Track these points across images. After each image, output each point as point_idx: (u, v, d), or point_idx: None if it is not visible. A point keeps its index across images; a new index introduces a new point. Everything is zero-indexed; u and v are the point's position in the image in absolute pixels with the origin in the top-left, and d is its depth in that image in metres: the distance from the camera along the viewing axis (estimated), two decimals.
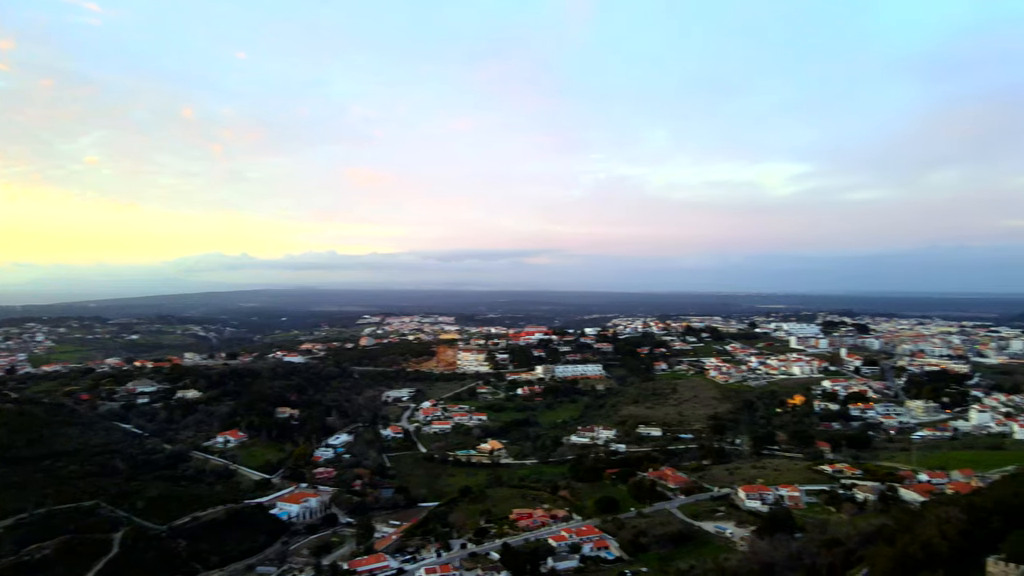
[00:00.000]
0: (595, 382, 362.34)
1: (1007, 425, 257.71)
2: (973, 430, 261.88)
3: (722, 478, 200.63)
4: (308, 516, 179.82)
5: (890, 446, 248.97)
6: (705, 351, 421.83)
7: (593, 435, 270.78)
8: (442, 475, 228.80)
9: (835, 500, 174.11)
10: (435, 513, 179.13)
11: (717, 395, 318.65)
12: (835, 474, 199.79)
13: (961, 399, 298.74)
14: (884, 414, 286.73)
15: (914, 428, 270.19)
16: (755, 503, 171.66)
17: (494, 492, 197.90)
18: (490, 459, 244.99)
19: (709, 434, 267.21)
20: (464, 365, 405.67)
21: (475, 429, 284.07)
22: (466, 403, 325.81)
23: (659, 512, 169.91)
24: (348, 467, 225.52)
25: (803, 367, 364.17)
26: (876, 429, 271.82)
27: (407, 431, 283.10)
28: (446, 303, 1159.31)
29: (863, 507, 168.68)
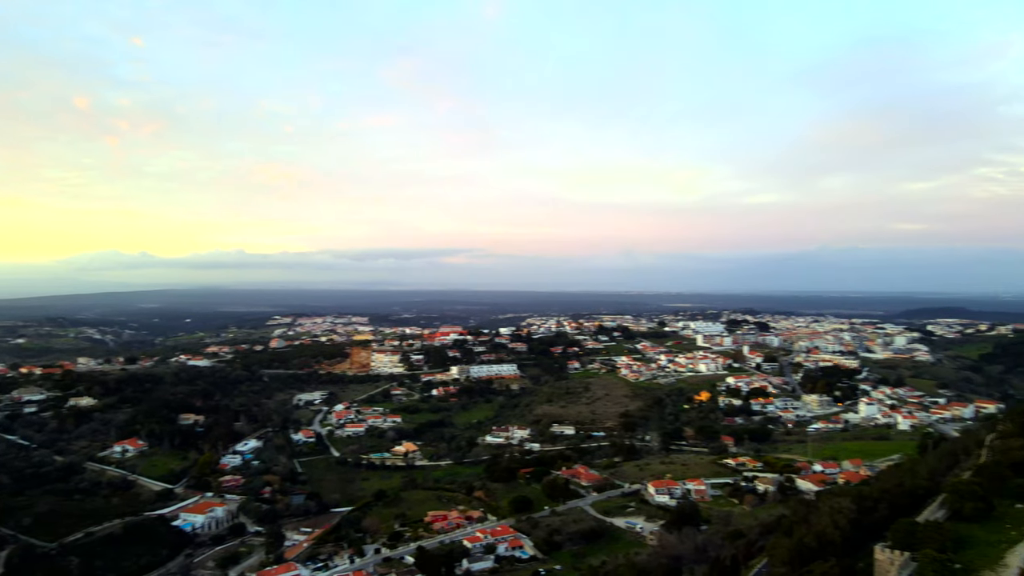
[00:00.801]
0: (510, 382, 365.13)
1: (892, 417, 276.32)
2: (862, 422, 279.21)
3: (633, 474, 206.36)
4: (214, 526, 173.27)
5: (788, 439, 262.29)
6: (617, 350, 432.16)
7: (508, 435, 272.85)
8: (356, 479, 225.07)
9: (738, 492, 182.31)
10: (348, 518, 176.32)
11: (628, 393, 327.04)
12: (738, 467, 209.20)
13: (851, 393, 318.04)
14: (783, 408, 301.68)
15: (810, 421, 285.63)
16: (664, 498, 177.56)
17: (409, 495, 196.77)
18: (405, 461, 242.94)
19: (620, 432, 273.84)
20: (378, 366, 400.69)
21: (390, 431, 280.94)
22: (380, 405, 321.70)
23: (572, 510, 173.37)
24: (257, 474, 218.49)
25: (709, 364, 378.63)
26: (776, 423, 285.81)
27: (319, 435, 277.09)
28: (360, 303, 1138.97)
29: (764, 498, 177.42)
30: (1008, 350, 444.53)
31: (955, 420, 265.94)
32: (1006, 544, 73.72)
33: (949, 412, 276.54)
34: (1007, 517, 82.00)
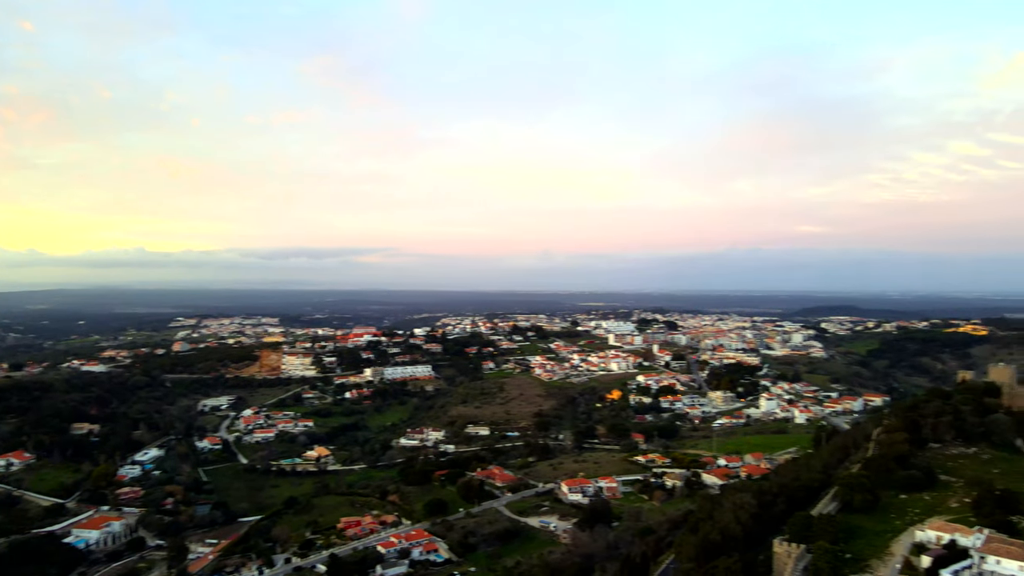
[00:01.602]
0: (425, 383, 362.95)
1: (790, 411, 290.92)
2: (763, 416, 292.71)
3: (547, 473, 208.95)
4: (110, 542, 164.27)
5: (695, 434, 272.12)
6: (531, 349, 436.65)
7: (423, 437, 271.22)
8: (265, 486, 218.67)
9: (648, 488, 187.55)
10: (257, 527, 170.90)
11: (542, 392, 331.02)
12: (648, 464, 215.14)
13: (753, 389, 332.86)
14: (690, 405, 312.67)
15: (715, 417, 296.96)
16: (577, 496, 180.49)
17: (321, 501, 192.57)
18: (317, 467, 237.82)
19: (535, 431, 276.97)
20: (289, 369, 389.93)
21: (301, 436, 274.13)
22: (291, 409, 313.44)
23: (487, 511, 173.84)
24: (158, 484, 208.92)
25: (620, 363, 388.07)
26: (683, 419, 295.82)
27: (226, 442, 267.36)
28: (271, 304, 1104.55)
29: (672, 493, 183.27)
30: (893, 346, 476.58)
31: (846, 413, 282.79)
32: (891, 534, 79.27)
33: (841, 406, 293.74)
34: (892, 507, 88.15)
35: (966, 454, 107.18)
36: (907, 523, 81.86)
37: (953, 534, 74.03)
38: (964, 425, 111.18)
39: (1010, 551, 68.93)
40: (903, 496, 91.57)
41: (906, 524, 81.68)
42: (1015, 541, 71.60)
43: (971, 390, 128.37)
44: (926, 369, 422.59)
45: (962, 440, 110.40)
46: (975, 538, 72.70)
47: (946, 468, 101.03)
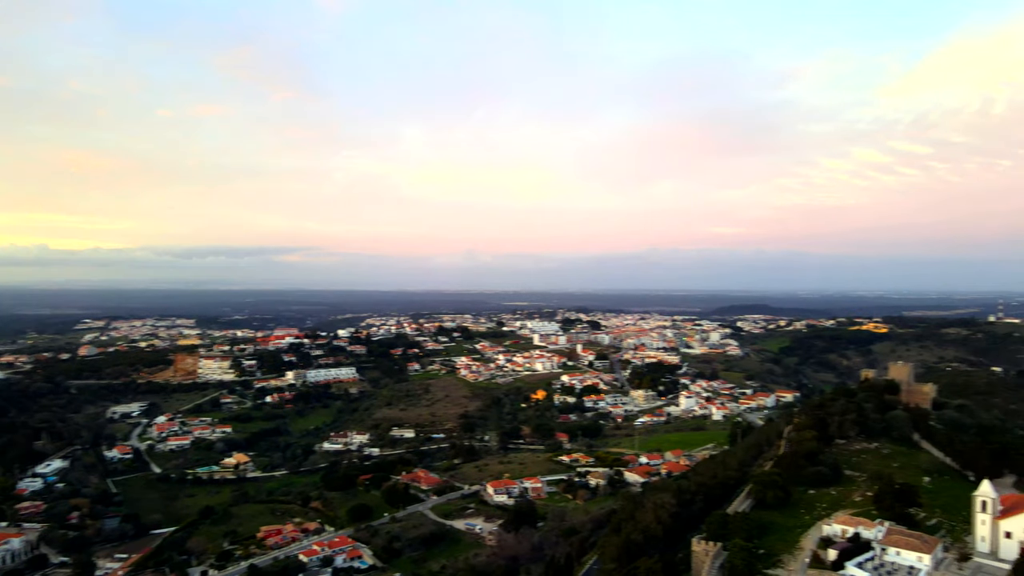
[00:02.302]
0: (349, 385, 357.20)
1: (708, 408, 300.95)
2: (682, 414, 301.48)
3: (472, 475, 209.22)
4: (9, 560, 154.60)
5: (618, 432, 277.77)
6: (457, 350, 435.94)
7: (347, 441, 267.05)
8: (180, 496, 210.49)
9: (572, 488, 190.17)
10: (171, 540, 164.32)
11: (468, 393, 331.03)
12: (572, 463, 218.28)
13: (673, 387, 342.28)
14: (613, 404, 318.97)
15: (637, 415, 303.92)
16: (502, 497, 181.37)
17: (240, 510, 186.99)
18: (236, 474, 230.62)
19: (460, 433, 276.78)
20: (206, 373, 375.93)
21: (219, 443, 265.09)
22: (208, 415, 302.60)
23: (413, 515, 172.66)
24: (62, 497, 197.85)
25: (545, 363, 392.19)
26: (606, 418, 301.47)
27: (138, 451, 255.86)
28: (186, 304, 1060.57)
29: (596, 492, 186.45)
30: (803, 344, 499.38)
31: (760, 409, 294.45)
32: (801, 529, 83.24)
33: (755, 402, 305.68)
34: (802, 503, 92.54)
35: (868, 449, 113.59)
36: (815, 518, 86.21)
37: (857, 527, 78.41)
38: (867, 422, 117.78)
39: (908, 543, 73.53)
40: (812, 491, 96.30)
41: (815, 519, 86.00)
42: (913, 533, 76.40)
43: (873, 388, 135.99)
44: (833, 365, 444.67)
45: (865, 436, 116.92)
46: (877, 531, 77.19)
47: (851, 463, 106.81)
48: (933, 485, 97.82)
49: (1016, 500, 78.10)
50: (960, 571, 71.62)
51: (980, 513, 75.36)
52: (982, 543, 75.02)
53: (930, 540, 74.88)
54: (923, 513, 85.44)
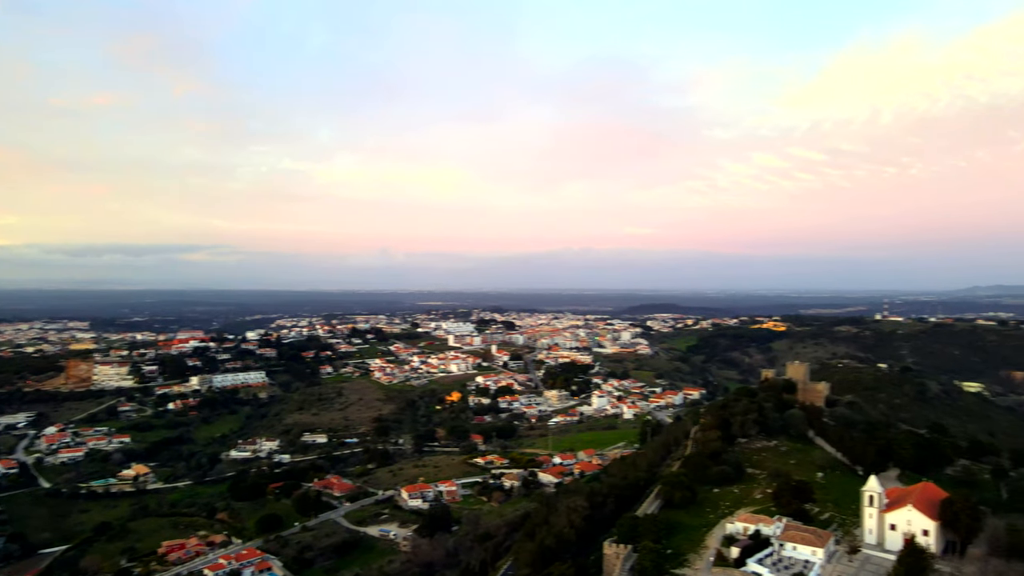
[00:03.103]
0: (258, 390, 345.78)
1: (619, 407, 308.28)
2: (594, 413, 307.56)
3: (387, 480, 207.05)
4: None
5: (532, 433, 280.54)
6: (370, 352, 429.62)
7: (256, 448, 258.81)
8: (72, 512, 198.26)
9: (487, 490, 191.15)
10: (62, 559, 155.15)
11: (382, 396, 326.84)
12: (487, 465, 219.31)
13: (586, 386, 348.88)
14: (527, 404, 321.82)
15: (551, 415, 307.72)
16: (417, 502, 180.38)
17: (140, 525, 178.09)
18: (135, 486, 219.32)
19: (374, 436, 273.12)
20: (102, 380, 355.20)
21: (116, 454, 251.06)
22: (105, 424, 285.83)
23: (325, 523, 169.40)
24: None
25: (460, 364, 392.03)
26: (521, 419, 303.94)
27: (24, 464, 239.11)
28: (79, 306, 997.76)
29: (510, 494, 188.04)
30: (708, 342, 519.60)
31: (668, 407, 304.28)
32: (706, 528, 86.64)
33: (664, 400, 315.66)
34: (707, 502, 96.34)
35: (768, 447, 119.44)
36: (720, 516, 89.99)
37: (757, 525, 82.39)
38: (767, 421, 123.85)
39: (804, 538, 77.88)
40: (716, 490, 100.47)
41: (719, 517, 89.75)
42: (808, 528, 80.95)
43: (772, 387, 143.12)
44: (736, 363, 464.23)
45: (765, 434, 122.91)
46: (776, 527, 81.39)
47: (752, 461, 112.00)
48: (826, 480, 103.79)
49: (900, 494, 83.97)
50: (850, 563, 76.35)
51: (868, 507, 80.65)
52: (870, 535, 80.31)
53: (823, 534, 79.54)
54: (817, 508, 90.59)
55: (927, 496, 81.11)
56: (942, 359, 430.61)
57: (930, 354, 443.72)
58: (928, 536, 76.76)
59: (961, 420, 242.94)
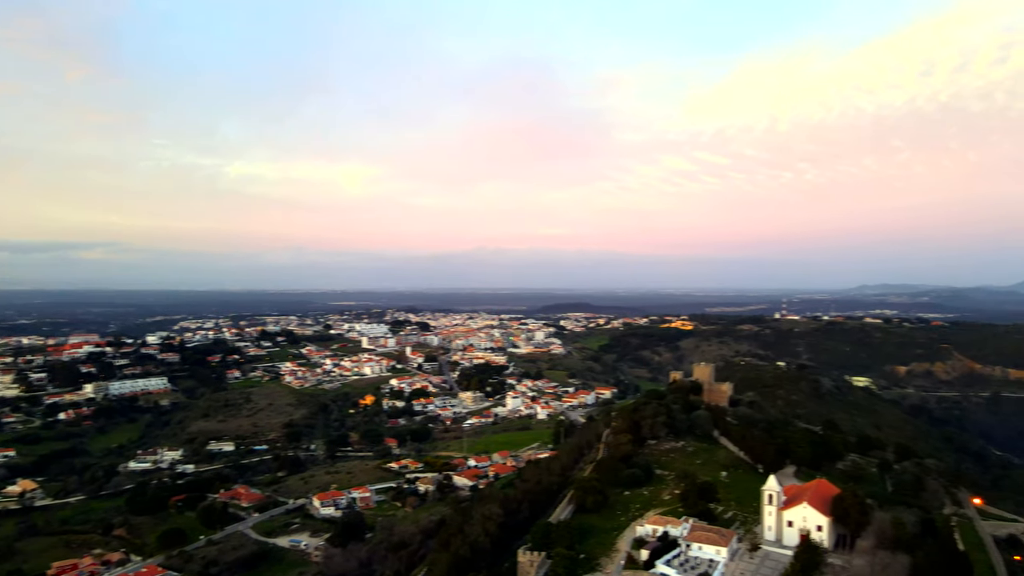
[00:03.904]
0: (159, 397, 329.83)
1: (533, 408, 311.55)
2: (509, 414, 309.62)
3: (298, 488, 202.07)
4: None
5: (447, 435, 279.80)
6: (281, 355, 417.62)
7: (156, 458, 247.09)
8: None
9: (402, 495, 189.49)
10: None
11: (293, 401, 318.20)
12: (401, 470, 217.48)
13: (500, 387, 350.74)
14: (442, 407, 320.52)
15: (465, 417, 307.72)
16: (330, 510, 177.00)
17: (27, 544, 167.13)
18: (21, 503, 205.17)
19: (285, 443, 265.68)
20: None
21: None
22: None
23: (232, 535, 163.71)
24: None
25: (374, 367, 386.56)
26: (436, 421, 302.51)
27: None
28: None
29: (425, 499, 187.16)
30: (620, 341, 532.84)
31: (581, 406, 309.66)
32: (617, 531, 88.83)
33: (577, 400, 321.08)
34: (618, 505, 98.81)
35: (676, 448, 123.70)
36: (630, 519, 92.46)
37: (666, 526, 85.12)
38: (675, 422, 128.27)
39: (709, 537, 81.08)
40: (627, 493, 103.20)
41: (629, 520, 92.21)
42: (712, 528, 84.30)
43: (680, 389, 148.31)
44: (646, 362, 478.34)
45: (673, 435, 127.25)
46: (683, 528, 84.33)
47: (661, 463, 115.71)
48: (730, 479, 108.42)
49: (796, 491, 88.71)
50: (751, 560, 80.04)
51: (767, 505, 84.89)
52: (769, 532, 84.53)
53: (727, 533, 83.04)
54: (722, 507, 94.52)
55: (821, 493, 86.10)
56: (834, 355, 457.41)
57: (824, 351, 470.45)
58: (822, 531, 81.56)
59: (851, 414, 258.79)
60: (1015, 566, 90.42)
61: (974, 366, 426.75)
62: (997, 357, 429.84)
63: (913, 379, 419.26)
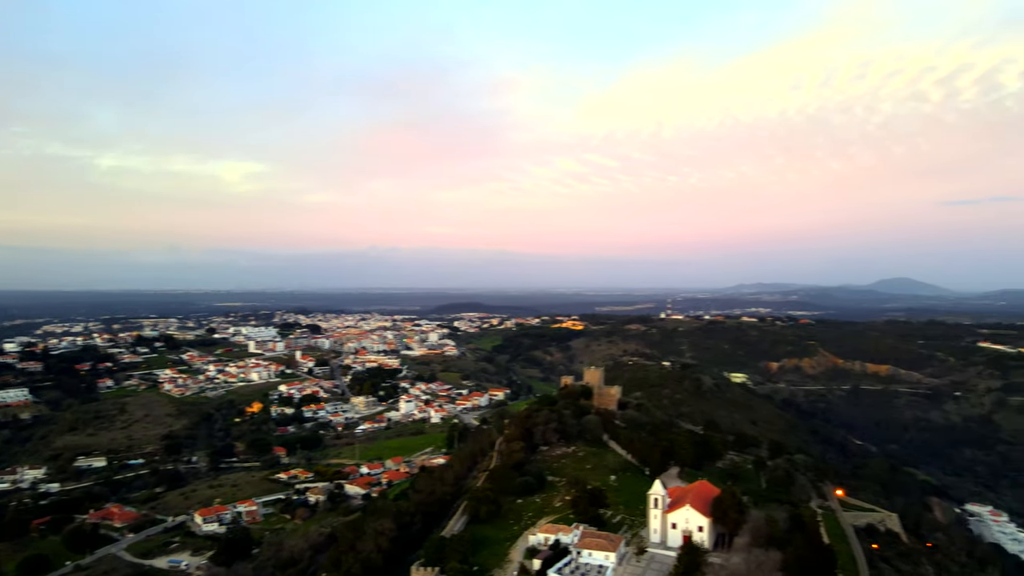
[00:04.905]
0: (19, 410, 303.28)
1: (427, 411, 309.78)
2: (402, 418, 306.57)
3: (178, 504, 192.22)
4: None
5: (339, 442, 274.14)
6: (159, 362, 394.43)
7: (15, 478, 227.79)
8: None
9: (291, 507, 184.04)
10: None
11: (173, 411, 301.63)
12: (291, 480, 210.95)
13: (393, 391, 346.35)
14: (333, 412, 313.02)
15: (358, 423, 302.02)
16: (213, 526, 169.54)
17: None
18: None
19: (164, 456, 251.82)
20: None
21: None
22: None
23: (104, 559, 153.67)
24: None
25: (262, 372, 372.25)
26: (327, 428, 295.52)
27: None
28: None
29: (315, 509, 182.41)
30: (513, 342, 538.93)
31: (475, 409, 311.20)
32: (510, 540, 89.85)
33: (471, 402, 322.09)
34: (511, 513, 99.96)
35: (568, 453, 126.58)
36: (523, 527, 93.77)
37: (557, 534, 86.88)
38: (566, 428, 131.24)
39: (599, 543, 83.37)
40: (520, 501, 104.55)
41: (523, 528, 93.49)
42: (601, 533, 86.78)
43: (571, 394, 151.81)
44: (539, 362, 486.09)
45: (565, 441, 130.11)
46: (573, 535, 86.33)
47: (553, 469, 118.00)
48: (619, 483, 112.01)
49: (680, 493, 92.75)
50: (638, 563, 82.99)
51: (653, 509, 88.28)
52: (655, 535, 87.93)
53: (615, 538, 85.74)
54: (611, 512, 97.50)
55: (702, 494, 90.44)
56: (715, 353, 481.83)
57: (706, 349, 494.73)
58: (703, 532, 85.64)
59: (730, 411, 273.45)
60: (872, 554, 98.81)
61: (837, 361, 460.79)
62: (857, 353, 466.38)
63: (784, 374, 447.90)
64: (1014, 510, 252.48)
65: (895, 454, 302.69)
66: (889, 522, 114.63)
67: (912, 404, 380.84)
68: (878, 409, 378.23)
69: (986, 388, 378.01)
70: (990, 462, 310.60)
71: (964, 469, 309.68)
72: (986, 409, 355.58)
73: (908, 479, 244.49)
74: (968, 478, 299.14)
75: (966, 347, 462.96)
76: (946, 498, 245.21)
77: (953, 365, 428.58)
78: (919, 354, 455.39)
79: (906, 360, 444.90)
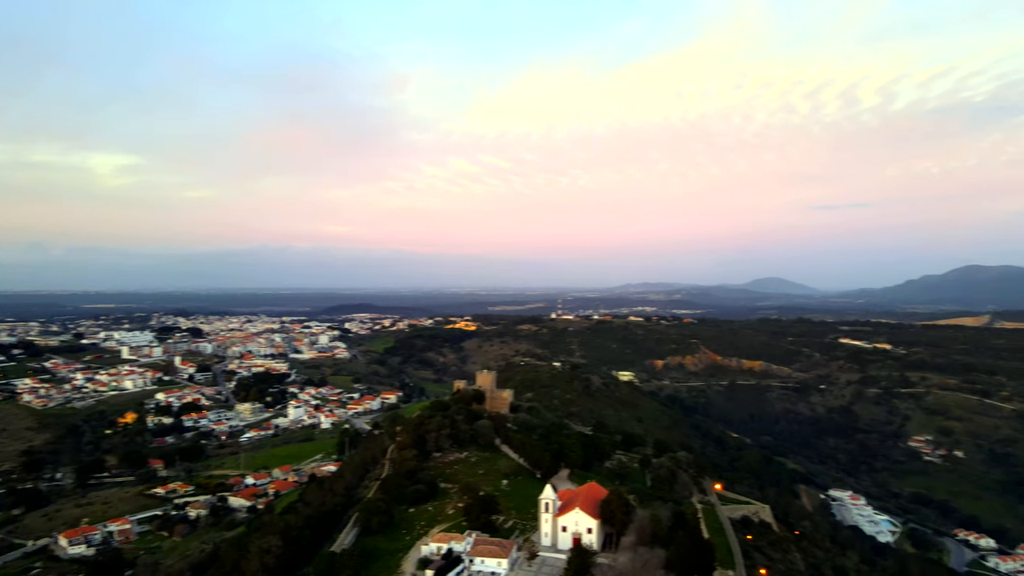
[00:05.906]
0: None
1: (317, 417, 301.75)
2: (291, 425, 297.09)
3: (39, 527, 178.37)
4: None
5: (222, 452, 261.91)
6: (18, 371, 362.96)
7: None
8: None
9: (169, 523, 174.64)
10: None
11: (34, 424, 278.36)
12: (169, 495, 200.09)
13: (281, 397, 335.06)
14: (216, 420, 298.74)
15: (243, 430, 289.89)
16: (80, 548, 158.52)
17: None
18: None
19: (22, 474, 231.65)
20: None
21: None
22: None
23: None
24: None
25: (137, 380, 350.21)
26: (210, 437, 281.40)
27: None
28: None
29: (196, 525, 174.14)
30: (405, 343, 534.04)
31: (367, 413, 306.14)
32: (402, 551, 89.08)
33: (362, 406, 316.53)
34: (404, 522, 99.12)
35: (460, 459, 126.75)
36: (416, 537, 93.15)
37: (450, 543, 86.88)
38: (459, 433, 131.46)
39: (491, 550, 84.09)
40: (412, 510, 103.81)
41: (415, 538, 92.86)
42: (493, 540, 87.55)
43: (463, 399, 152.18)
44: (431, 363, 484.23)
45: (457, 446, 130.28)
46: (466, 543, 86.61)
47: (445, 475, 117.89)
48: (510, 487, 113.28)
49: (570, 496, 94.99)
50: (530, 567, 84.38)
51: (544, 513, 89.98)
52: (546, 539, 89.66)
53: (507, 544, 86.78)
54: (503, 517, 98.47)
55: (591, 496, 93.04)
56: (604, 352, 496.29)
57: (595, 348, 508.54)
58: (592, 533, 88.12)
59: (617, 410, 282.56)
60: (747, 545, 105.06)
61: (716, 358, 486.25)
62: (734, 350, 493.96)
63: (669, 372, 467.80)
64: (871, 494, 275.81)
65: (768, 445, 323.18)
66: (762, 513, 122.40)
67: (783, 397, 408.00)
68: (752, 403, 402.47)
69: (846, 381, 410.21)
70: (850, 449, 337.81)
71: (828, 457, 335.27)
72: (846, 400, 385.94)
73: (779, 469, 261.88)
74: (831, 465, 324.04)
75: (829, 343, 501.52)
76: (812, 485, 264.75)
77: (818, 360, 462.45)
78: (788, 350, 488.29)
79: (777, 356, 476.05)
